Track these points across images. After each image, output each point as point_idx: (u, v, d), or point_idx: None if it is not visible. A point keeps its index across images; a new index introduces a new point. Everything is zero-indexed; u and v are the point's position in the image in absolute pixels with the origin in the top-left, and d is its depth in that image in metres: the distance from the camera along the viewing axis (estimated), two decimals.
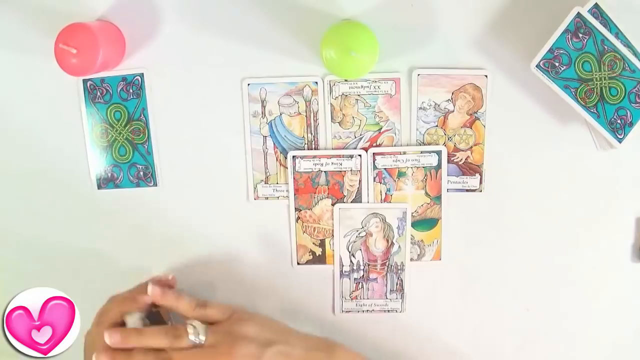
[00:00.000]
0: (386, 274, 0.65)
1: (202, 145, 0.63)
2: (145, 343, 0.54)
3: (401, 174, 0.63)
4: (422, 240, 0.64)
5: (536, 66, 0.56)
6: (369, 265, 0.65)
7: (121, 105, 0.63)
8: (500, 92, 0.61)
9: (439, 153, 0.62)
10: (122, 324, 0.56)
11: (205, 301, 0.59)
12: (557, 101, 0.57)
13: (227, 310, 0.58)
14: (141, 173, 0.64)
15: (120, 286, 0.61)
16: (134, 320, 0.55)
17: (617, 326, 0.65)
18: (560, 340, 0.66)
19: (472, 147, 0.62)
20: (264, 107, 0.62)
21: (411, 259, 0.65)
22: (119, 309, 0.57)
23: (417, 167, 0.63)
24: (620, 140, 0.57)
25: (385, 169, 0.63)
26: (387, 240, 0.64)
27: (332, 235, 0.64)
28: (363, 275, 0.65)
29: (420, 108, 0.62)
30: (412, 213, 0.63)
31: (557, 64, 0.56)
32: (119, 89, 0.63)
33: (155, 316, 0.59)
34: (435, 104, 0.61)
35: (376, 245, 0.64)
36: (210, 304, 0.58)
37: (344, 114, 0.62)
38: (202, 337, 0.54)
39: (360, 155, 0.62)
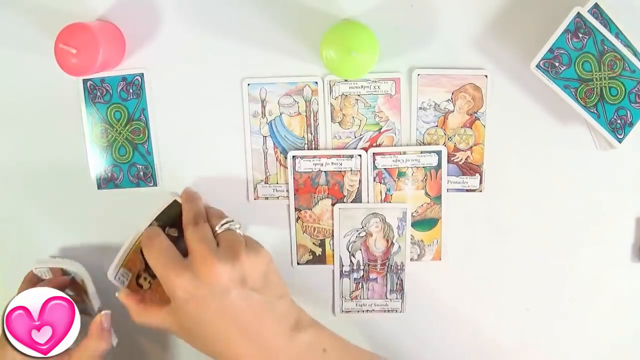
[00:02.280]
0: (386, 274, 0.65)
1: (202, 145, 0.63)
2: None
3: (401, 174, 0.63)
4: (422, 240, 0.64)
5: (536, 66, 0.56)
6: (369, 265, 0.65)
7: (121, 105, 0.63)
8: (500, 92, 0.61)
9: (439, 153, 0.62)
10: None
11: None
12: (557, 101, 0.57)
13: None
14: (141, 173, 0.64)
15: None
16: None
17: (617, 326, 0.65)
18: (560, 340, 0.66)
19: (472, 147, 0.62)
20: (264, 107, 0.62)
21: (411, 259, 0.65)
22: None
23: (417, 167, 0.63)
24: (620, 140, 0.57)
25: (385, 169, 0.63)
26: (387, 240, 0.64)
27: (332, 235, 0.64)
28: (363, 275, 0.65)
29: (420, 108, 0.62)
30: (412, 213, 0.63)
31: (557, 64, 0.56)
32: (119, 89, 0.63)
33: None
34: (435, 104, 0.61)
35: (376, 245, 0.64)
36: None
37: (344, 114, 0.62)
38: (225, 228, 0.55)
39: (360, 155, 0.62)
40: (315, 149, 0.63)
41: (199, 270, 0.51)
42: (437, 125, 0.62)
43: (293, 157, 0.63)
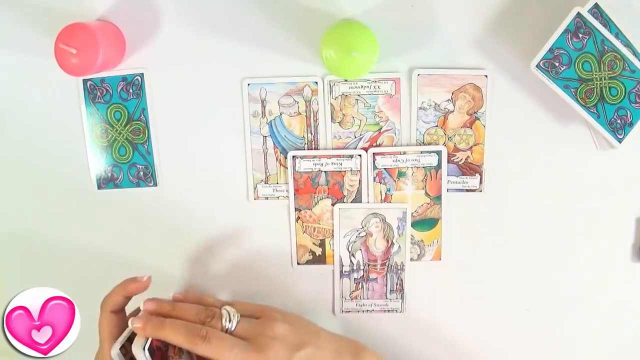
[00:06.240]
0: (386, 274, 0.65)
1: (202, 145, 0.63)
2: (177, 314, 0.54)
3: (401, 174, 0.63)
4: (422, 240, 0.64)
5: (536, 66, 0.56)
6: (369, 265, 0.65)
7: (121, 105, 0.63)
8: (500, 92, 0.61)
9: (439, 153, 0.62)
10: (123, 311, 0.57)
11: (232, 301, 0.59)
12: (557, 101, 0.57)
13: (256, 308, 0.58)
14: (141, 173, 0.64)
15: None
16: (116, 351, 0.54)
17: (618, 326, 0.65)
18: (560, 340, 0.66)
19: (472, 147, 0.62)
20: (264, 107, 0.62)
21: (411, 259, 0.65)
22: (120, 292, 0.57)
23: (417, 167, 0.63)
24: (620, 140, 0.57)
25: (385, 169, 0.63)
26: (387, 240, 0.64)
27: (332, 235, 0.64)
28: (363, 275, 0.65)
29: (420, 108, 0.62)
30: (412, 213, 0.63)
31: (557, 64, 0.56)
32: (119, 89, 0.63)
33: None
34: (435, 104, 0.61)
35: (376, 245, 0.64)
36: (238, 302, 0.58)
37: (344, 114, 0.62)
38: (234, 324, 0.53)
39: (360, 155, 0.62)
40: (315, 149, 0.63)
41: None
42: (437, 125, 0.62)
43: (293, 157, 0.63)
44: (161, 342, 0.54)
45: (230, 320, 0.54)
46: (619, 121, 0.56)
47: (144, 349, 0.52)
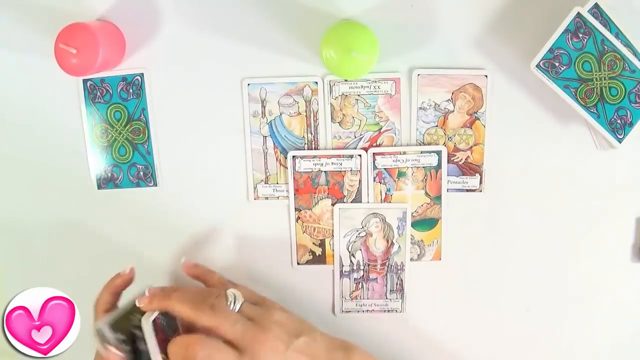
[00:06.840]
0: (386, 274, 0.65)
1: (202, 145, 0.63)
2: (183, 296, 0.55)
3: (401, 174, 0.63)
4: (422, 240, 0.64)
5: (536, 66, 0.56)
6: (369, 265, 0.65)
7: (121, 105, 0.63)
8: (500, 92, 0.61)
9: (439, 153, 0.62)
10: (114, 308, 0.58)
11: (237, 285, 0.61)
12: (557, 101, 0.57)
13: (258, 297, 0.59)
14: (141, 173, 0.64)
15: None
16: (147, 323, 0.54)
17: (617, 326, 0.65)
18: (560, 340, 0.66)
19: (472, 147, 0.62)
20: (264, 107, 0.62)
21: (411, 259, 0.65)
22: (107, 290, 0.59)
23: (417, 167, 0.63)
24: (620, 140, 0.57)
25: (385, 169, 0.63)
26: (387, 240, 0.64)
27: (332, 235, 0.64)
28: (363, 275, 0.65)
29: (420, 108, 0.62)
30: (412, 213, 0.63)
31: (557, 64, 0.56)
32: (119, 89, 0.63)
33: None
34: (435, 104, 0.61)
35: (376, 245, 0.64)
36: (242, 287, 0.60)
37: (344, 114, 0.62)
38: (237, 307, 0.55)
39: (360, 155, 0.62)
40: (315, 149, 0.63)
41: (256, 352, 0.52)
42: (437, 125, 0.62)
43: (293, 157, 0.63)
44: (165, 321, 0.54)
45: (234, 303, 0.55)
46: (619, 121, 0.56)
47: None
